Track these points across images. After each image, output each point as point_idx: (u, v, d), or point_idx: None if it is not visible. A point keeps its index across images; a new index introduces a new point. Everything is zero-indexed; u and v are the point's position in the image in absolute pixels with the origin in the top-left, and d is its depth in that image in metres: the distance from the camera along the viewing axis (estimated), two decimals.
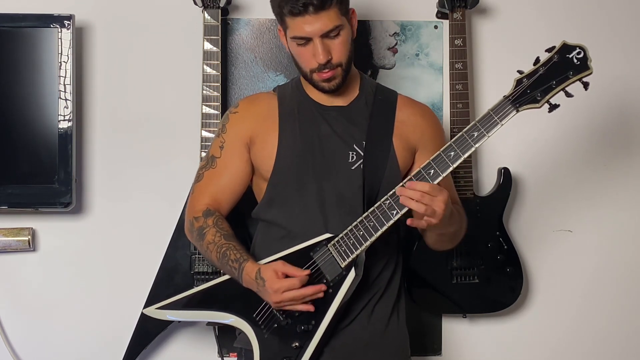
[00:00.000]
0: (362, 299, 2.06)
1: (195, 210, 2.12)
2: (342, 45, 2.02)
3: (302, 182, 2.07)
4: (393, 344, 2.12)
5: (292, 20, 2.00)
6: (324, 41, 2.00)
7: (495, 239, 2.56)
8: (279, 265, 1.95)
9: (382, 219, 1.92)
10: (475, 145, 1.86)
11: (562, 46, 1.85)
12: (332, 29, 1.99)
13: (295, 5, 1.96)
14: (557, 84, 1.84)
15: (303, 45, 2.02)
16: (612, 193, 2.73)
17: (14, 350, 2.60)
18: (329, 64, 2.02)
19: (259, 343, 2.02)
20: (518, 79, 1.86)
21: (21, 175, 2.48)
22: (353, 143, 2.09)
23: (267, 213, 2.12)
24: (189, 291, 2.13)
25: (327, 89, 2.07)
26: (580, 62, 1.84)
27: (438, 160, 1.88)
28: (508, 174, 2.59)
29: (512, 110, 1.86)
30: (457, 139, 1.87)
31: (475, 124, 1.87)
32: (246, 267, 1.99)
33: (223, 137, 2.15)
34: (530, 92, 1.85)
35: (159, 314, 2.15)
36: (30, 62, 2.45)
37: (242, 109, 2.17)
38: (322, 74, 2.03)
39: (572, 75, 1.84)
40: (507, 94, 1.86)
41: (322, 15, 1.97)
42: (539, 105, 1.85)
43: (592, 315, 2.75)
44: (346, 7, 2.03)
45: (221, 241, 2.04)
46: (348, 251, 1.95)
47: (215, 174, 2.14)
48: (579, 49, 1.84)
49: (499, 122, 1.86)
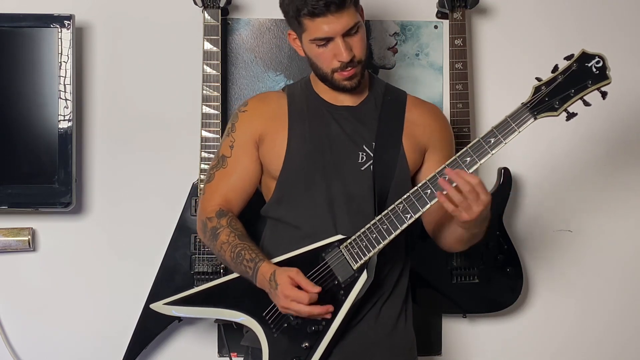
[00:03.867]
0: (370, 299, 2.05)
1: (207, 210, 2.11)
2: (361, 41, 2.02)
3: (311, 182, 2.07)
4: (400, 344, 2.12)
5: (311, 22, 1.98)
6: (345, 40, 1.99)
7: (495, 239, 2.56)
8: (294, 273, 1.93)
9: (395, 222, 1.91)
10: (492, 152, 1.85)
11: (581, 54, 1.84)
12: (352, 27, 1.99)
13: (317, 5, 1.95)
14: (575, 92, 1.83)
15: (324, 45, 2.01)
16: (612, 193, 2.73)
17: (13, 350, 2.60)
18: (352, 62, 2.01)
19: (268, 342, 2.01)
20: (537, 86, 1.84)
21: (21, 175, 2.48)
22: (363, 144, 2.08)
23: (275, 211, 2.12)
24: (198, 287, 2.12)
25: (348, 87, 2.06)
26: (599, 71, 1.83)
27: (454, 164, 1.86)
28: (508, 174, 2.59)
29: (530, 118, 1.84)
30: (474, 145, 1.86)
31: (493, 130, 1.85)
32: (261, 268, 1.98)
33: (233, 136, 2.14)
34: (549, 100, 1.83)
35: (166, 309, 2.14)
36: (30, 62, 2.45)
37: (251, 108, 2.16)
38: (344, 72, 2.03)
39: (590, 84, 1.83)
40: (525, 101, 1.85)
41: (343, 14, 1.96)
42: (557, 113, 1.84)
43: (592, 315, 2.75)
44: (357, 3, 2.04)
45: (235, 241, 2.03)
46: (361, 253, 1.94)
47: (226, 173, 2.13)
48: (599, 58, 1.83)
49: (517, 129, 1.84)
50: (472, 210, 1.84)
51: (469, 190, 1.82)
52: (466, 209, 1.84)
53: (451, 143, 2.19)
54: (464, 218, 1.86)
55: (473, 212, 1.84)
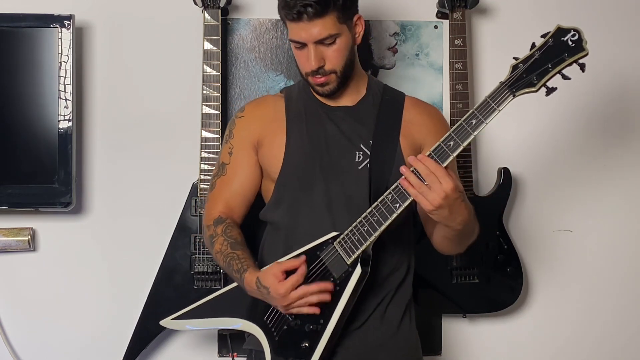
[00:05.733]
0: (374, 299, 2.05)
1: (208, 218, 2.13)
2: (337, 52, 2.01)
3: (309, 183, 2.07)
4: (405, 345, 2.12)
5: (289, 24, 2.02)
6: (317, 48, 2.00)
7: (495, 239, 2.56)
8: (275, 268, 1.95)
9: (385, 212, 1.91)
10: (474, 133, 1.85)
11: (557, 30, 1.85)
12: (326, 37, 1.99)
13: (290, 12, 1.97)
14: (553, 66, 1.83)
15: (300, 48, 2.03)
16: (612, 193, 2.73)
17: (14, 350, 2.60)
18: (322, 70, 2.02)
19: (270, 346, 2.02)
20: (514, 64, 1.86)
21: (21, 175, 2.48)
22: (360, 143, 2.08)
23: (274, 214, 2.12)
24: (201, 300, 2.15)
25: (320, 92, 2.08)
26: (575, 44, 1.83)
27: (438, 150, 1.87)
28: (508, 174, 2.59)
29: (509, 96, 1.85)
30: (456, 128, 1.86)
31: (473, 111, 1.86)
32: (246, 278, 1.99)
33: (231, 143, 2.15)
34: (527, 77, 1.84)
35: (175, 325, 2.18)
36: (30, 62, 2.46)
37: (248, 113, 2.17)
38: (315, 78, 2.04)
39: (567, 57, 1.83)
40: (504, 80, 1.86)
41: (317, 23, 1.97)
42: (535, 89, 1.85)
43: (592, 315, 2.75)
44: (348, 14, 2.02)
45: (227, 250, 2.04)
46: (354, 247, 1.94)
47: (226, 180, 2.14)
48: (574, 31, 1.84)
49: (497, 107, 1.85)
50: (432, 197, 1.82)
51: (427, 173, 1.82)
52: (425, 194, 1.83)
53: None
54: (427, 206, 1.84)
55: (434, 199, 1.82)
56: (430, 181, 1.83)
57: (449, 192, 1.83)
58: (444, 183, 1.82)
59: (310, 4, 1.94)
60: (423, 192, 1.83)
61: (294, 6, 1.96)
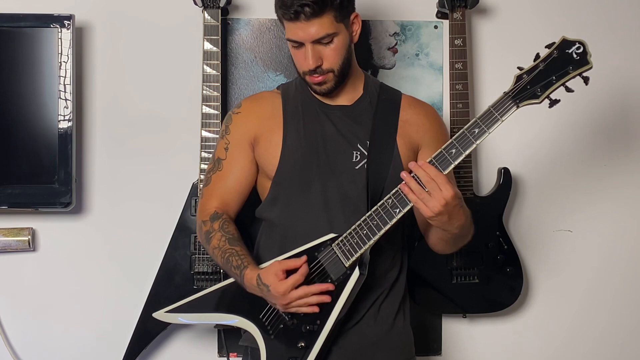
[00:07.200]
0: (368, 298, 2.06)
1: (203, 214, 2.13)
2: (335, 52, 2.02)
3: (306, 182, 2.07)
4: (399, 343, 2.13)
5: (286, 24, 2.02)
6: (315, 47, 2.00)
7: (495, 239, 2.56)
8: (276, 266, 1.95)
9: (385, 217, 1.91)
10: (476, 142, 1.86)
11: (562, 41, 1.85)
12: (323, 37, 1.99)
13: (287, 12, 1.97)
14: (557, 79, 1.84)
15: (297, 48, 2.03)
16: (612, 193, 2.73)
17: (13, 350, 2.60)
18: (319, 69, 2.02)
19: (265, 344, 2.02)
20: (518, 75, 1.86)
21: (21, 175, 2.48)
22: (357, 142, 2.09)
23: (270, 212, 2.12)
24: (197, 294, 2.14)
25: (318, 91, 2.09)
26: (580, 57, 1.84)
27: (439, 157, 1.87)
28: (508, 174, 2.59)
29: (513, 106, 1.86)
30: (458, 136, 1.87)
31: (476, 120, 1.87)
32: (246, 274, 1.99)
33: (227, 139, 2.15)
34: (531, 88, 1.85)
35: (168, 317, 2.17)
36: (30, 62, 2.45)
37: (244, 109, 2.17)
38: (313, 77, 2.04)
39: (572, 70, 1.84)
40: (507, 90, 1.86)
41: (314, 22, 1.97)
42: (539, 100, 1.85)
43: (592, 315, 2.75)
44: (345, 13, 2.02)
45: (225, 246, 2.04)
46: (352, 250, 1.95)
47: (221, 176, 2.15)
48: (579, 44, 1.84)
49: (500, 118, 1.85)
50: (432, 204, 1.84)
51: (428, 180, 1.83)
52: (425, 200, 1.84)
53: (445, 142, 2.20)
54: (427, 213, 1.86)
55: (434, 206, 1.84)
56: (430, 188, 1.84)
57: (449, 199, 1.84)
58: (445, 190, 1.83)
59: (307, 4, 1.94)
60: (423, 199, 1.84)
61: (291, 6, 1.96)
